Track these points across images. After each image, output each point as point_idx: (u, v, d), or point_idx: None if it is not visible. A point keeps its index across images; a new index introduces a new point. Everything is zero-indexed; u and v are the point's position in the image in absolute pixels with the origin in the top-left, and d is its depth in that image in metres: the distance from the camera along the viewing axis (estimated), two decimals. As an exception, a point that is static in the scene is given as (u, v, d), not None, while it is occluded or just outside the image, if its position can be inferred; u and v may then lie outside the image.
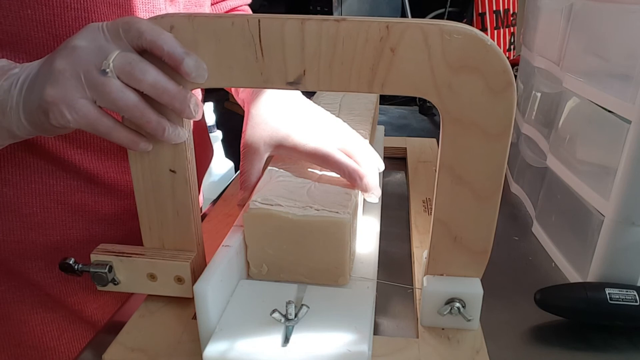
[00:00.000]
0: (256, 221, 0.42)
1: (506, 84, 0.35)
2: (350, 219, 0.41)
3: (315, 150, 0.48)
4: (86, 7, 0.47)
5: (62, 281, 0.57)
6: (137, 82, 0.36)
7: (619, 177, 0.44)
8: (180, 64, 0.36)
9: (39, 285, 0.56)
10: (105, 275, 0.44)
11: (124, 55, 0.36)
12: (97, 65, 0.36)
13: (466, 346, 0.40)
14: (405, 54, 0.35)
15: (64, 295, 0.57)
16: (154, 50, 0.36)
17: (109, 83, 0.36)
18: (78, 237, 0.56)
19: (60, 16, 0.46)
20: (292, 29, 0.35)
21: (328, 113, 0.54)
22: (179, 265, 0.43)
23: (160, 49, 0.36)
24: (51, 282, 0.57)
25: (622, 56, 0.47)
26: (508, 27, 1.44)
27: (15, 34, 0.45)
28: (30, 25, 0.45)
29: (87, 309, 0.59)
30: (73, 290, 0.58)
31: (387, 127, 0.87)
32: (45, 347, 0.58)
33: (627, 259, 0.46)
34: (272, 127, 0.50)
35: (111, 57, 0.35)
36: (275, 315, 0.36)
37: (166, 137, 0.39)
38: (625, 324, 0.44)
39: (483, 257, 0.41)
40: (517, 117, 0.74)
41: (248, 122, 0.52)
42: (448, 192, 0.39)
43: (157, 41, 0.36)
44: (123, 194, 0.56)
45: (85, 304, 0.59)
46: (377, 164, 0.51)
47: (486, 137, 0.36)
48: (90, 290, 0.58)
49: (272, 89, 0.38)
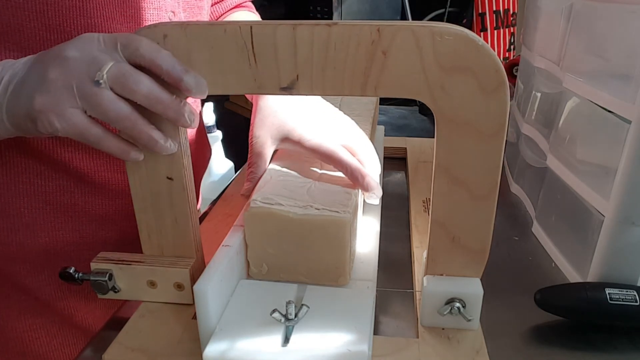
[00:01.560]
0: (257, 220, 0.42)
1: (499, 83, 0.35)
2: (350, 218, 0.41)
3: (319, 146, 0.48)
4: None
5: (51, 285, 0.56)
6: (131, 93, 0.36)
7: (619, 177, 0.44)
8: (180, 81, 0.36)
9: (27, 289, 0.55)
10: (105, 283, 0.44)
11: (118, 67, 0.36)
12: (91, 76, 0.36)
13: (466, 346, 0.40)
14: (397, 57, 0.35)
15: (53, 300, 0.56)
16: (153, 68, 0.36)
17: (101, 94, 0.36)
18: (68, 239, 0.55)
19: (53, 5, 0.45)
20: (284, 34, 0.35)
21: (336, 109, 0.54)
22: (178, 271, 0.44)
23: (159, 67, 0.36)
24: (39, 286, 0.55)
25: (622, 56, 0.47)
26: (508, 27, 1.44)
27: (6, 24, 0.44)
28: (22, 15, 0.44)
29: (77, 313, 0.58)
30: (62, 294, 0.57)
31: (387, 127, 0.87)
32: (34, 353, 0.57)
33: (627, 259, 0.46)
34: (280, 119, 0.50)
35: (105, 68, 0.35)
36: (275, 315, 0.36)
37: (159, 149, 0.39)
38: (625, 324, 0.44)
39: (482, 256, 0.41)
40: (517, 117, 0.74)
41: (257, 114, 0.52)
42: (444, 192, 0.39)
43: (155, 59, 0.36)
44: (114, 193, 0.55)
45: (76, 309, 0.58)
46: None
47: (481, 137, 0.36)
48: (81, 295, 0.57)
49: (266, 94, 0.38)
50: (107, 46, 0.36)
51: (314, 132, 0.49)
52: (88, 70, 0.36)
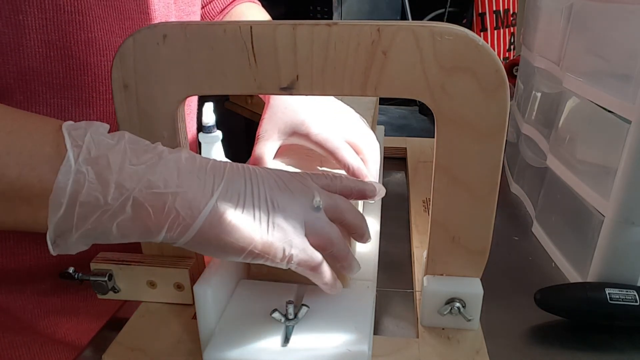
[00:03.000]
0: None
1: (499, 83, 0.35)
2: None
3: (325, 141, 0.49)
4: (80, 9, 0.45)
5: (32, 304, 0.54)
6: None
7: (619, 177, 0.44)
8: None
9: (7, 309, 0.53)
10: (105, 283, 0.44)
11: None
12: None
13: (466, 346, 0.40)
14: (397, 57, 0.35)
15: (35, 318, 0.55)
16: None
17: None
18: (51, 260, 0.50)
19: (52, 20, 0.44)
20: (284, 34, 0.35)
21: (346, 106, 0.54)
22: (178, 272, 0.44)
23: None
24: (21, 305, 0.54)
25: (622, 56, 0.47)
26: (508, 27, 1.45)
27: (7, 43, 0.43)
28: (22, 34, 0.43)
29: (59, 330, 0.56)
30: (44, 313, 0.55)
31: (387, 127, 0.87)
32: None
33: (627, 259, 0.46)
34: (289, 113, 0.50)
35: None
36: (275, 315, 0.36)
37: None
38: (625, 324, 0.44)
39: (482, 256, 0.41)
40: (517, 117, 0.74)
41: (268, 109, 0.52)
42: (444, 192, 0.39)
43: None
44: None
45: (57, 326, 0.56)
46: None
47: (481, 137, 0.36)
48: (64, 312, 0.56)
49: (265, 94, 0.38)
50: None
51: (322, 127, 0.49)
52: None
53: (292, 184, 0.37)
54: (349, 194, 0.40)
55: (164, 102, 0.38)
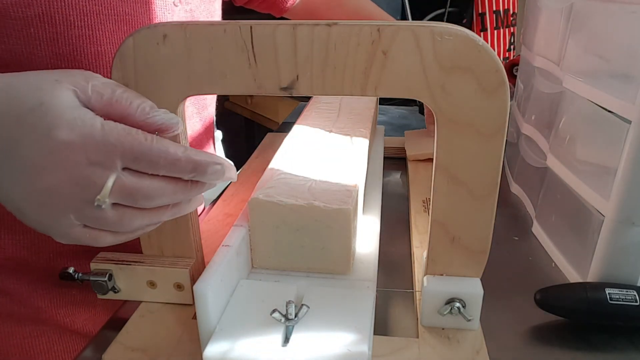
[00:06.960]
0: (262, 207, 0.42)
1: (499, 83, 0.35)
2: (353, 209, 0.41)
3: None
4: (90, 24, 0.46)
5: (52, 294, 0.56)
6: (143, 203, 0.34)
7: (619, 177, 0.44)
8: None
9: (29, 300, 0.55)
10: (105, 283, 0.44)
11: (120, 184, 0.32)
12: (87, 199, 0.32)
13: (466, 346, 0.40)
14: (398, 57, 0.35)
15: (55, 308, 0.56)
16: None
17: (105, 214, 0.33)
18: (73, 247, 0.55)
19: (63, 34, 0.46)
20: (284, 34, 0.35)
21: None
22: (178, 272, 0.44)
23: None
24: (42, 294, 0.56)
25: (622, 56, 0.47)
26: (508, 27, 1.45)
27: (18, 53, 0.45)
28: (33, 44, 0.45)
29: (77, 320, 0.58)
30: (63, 302, 0.57)
31: (387, 127, 0.87)
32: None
33: (627, 259, 0.46)
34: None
35: (105, 192, 0.32)
36: (275, 315, 0.36)
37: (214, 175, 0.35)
38: (626, 324, 0.44)
39: (482, 256, 0.41)
40: (517, 117, 0.74)
41: None
42: (444, 192, 0.39)
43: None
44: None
45: (75, 316, 0.57)
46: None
47: (481, 137, 0.36)
48: (81, 302, 0.57)
49: (265, 94, 0.38)
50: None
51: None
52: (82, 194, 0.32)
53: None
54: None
55: (164, 102, 0.38)
